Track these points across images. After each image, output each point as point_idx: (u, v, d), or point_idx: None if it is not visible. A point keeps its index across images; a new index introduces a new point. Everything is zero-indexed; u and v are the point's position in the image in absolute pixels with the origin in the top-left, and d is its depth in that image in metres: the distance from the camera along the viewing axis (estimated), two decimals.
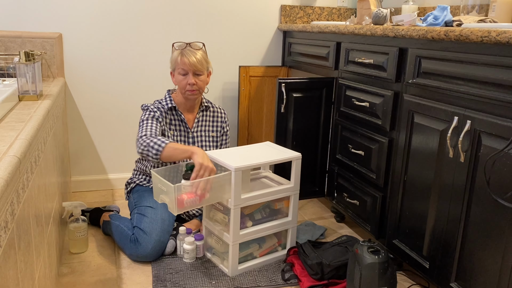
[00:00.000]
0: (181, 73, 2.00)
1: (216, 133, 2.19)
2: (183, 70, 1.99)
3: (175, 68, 2.03)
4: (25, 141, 1.15)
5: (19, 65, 1.70)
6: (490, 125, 1.34)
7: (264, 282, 1.79)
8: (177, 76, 2.02)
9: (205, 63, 2.03)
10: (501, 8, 1.79)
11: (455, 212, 1.50)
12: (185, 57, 1.98)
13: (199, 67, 1.99)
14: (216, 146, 2.20)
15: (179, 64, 2.00)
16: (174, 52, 2.03)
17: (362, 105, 1.99)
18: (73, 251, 1.97)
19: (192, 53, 1.99)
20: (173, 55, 2.03)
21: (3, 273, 0.85)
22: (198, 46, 2.03)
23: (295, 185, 1.92)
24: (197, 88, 2.02)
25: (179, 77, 2.02)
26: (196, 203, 1.73)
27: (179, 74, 2.01)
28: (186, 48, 2.01)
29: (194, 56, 1.98)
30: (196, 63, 1.98)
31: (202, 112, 2.16)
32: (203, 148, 2.12)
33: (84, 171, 2.66)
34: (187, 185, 1.71)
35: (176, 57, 2.00)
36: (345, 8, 2.98)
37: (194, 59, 1.98)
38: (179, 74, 2.01)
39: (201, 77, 2.02)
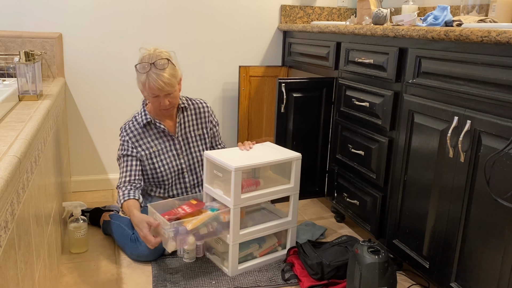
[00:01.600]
0: (151, 96, 1.89)
1: (202, 130, 2.11)
2: (153, 94, 1.87)
3: (143, 91, 1.91)
4: (25, 141, 1.15)
5: (19, 65, 1.70)
6: (490, 125, 1.34)
7: (264, 282, 1.79)
8: (148, 98, 1.92)
9: (174, 79, 1.88)
10: (501, 8, 1.79)
11: (455, 212, 1.50)
12: (152, 83, 1.83)
13: (168, 89, 1.86)
14: (205, 143, 2.12)
15: (148, 89, 1.87)
16: (139, 74, 1.88)
17: (362, 105, 1.99)
18: (73, 251, 1.97)
19: (158, 76, 1.82)
20: (139, 78, 1.88)
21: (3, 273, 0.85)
22: (163, 64, 1.84)
23: (295, 185, 1.92)
24: (172, 105, 1.94)
25: (150, 98, 1.91)
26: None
27: (149, 96, 1.90)
28: (151, 70, 1.83)
29: (161, 79, 1.83)
30: (165, 86, 1.84)
31: (182, 114, 2.06)
32: (191, 149, 2.08)
33: (84, 171, 2.66)
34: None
35: (144, 82, 1.86)
36: (345, 8, 2.98)
37: (162, 84, 1.83)
38: (150, 97, 1.90)
39: (173, 95, 1.91)
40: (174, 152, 2.04)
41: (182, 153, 2.05)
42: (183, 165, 2.06)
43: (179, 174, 2.06)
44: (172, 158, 2.03)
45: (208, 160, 1.87)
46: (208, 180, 1.90)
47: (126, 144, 1.99)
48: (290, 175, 1.92)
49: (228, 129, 2.89)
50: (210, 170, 1.88)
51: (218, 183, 1.85)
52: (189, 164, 2.07)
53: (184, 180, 2.07)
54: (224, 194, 1.80)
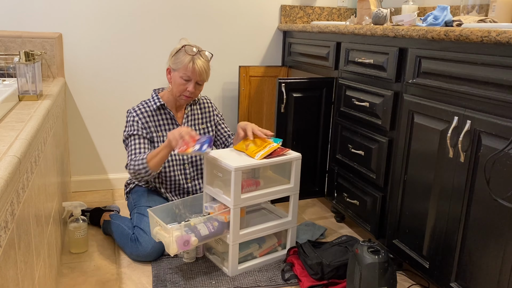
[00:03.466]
0: (184, 78, 1.96)
1: (206, 124, 2.16)
2: (188, 77, 1.95)
3: (178, 69, 1.97)
4: (25, 141, 1.15)
5: (19, 65, 1.70)
6: (490, 125, 1.34)
7: (264, 282, 1.79)
8: (178, 79, 1.98)
9: (209, 73, 2.02)
10: (501, 8, 1.79)
11: (455, 212, 1.50)
12: (196, 65, 1.93)
13: (204, 78, 1.98)
14: None
15: (187, 70, 1.94)
16: (183, 54, 1.96)
17: (362, 105, 1.99)
18: (73, 251, 1.97)
19: (203, 62, 1.96)
20: (182, 57, 1.96)
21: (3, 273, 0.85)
22: (207, 56, 2.00)
23: (295, 185, 1.92)
24: (193, 96, 2.01)
25: (179, 80, 1.97)
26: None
27: (181, 78, 1.96)
28: (197, 55, 1.95)
29: (204, 66, 1.96)
30: (204, 74, 1.97)
31: (190, 107, 2.14)
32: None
33: (84, 171, 2.66)
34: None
35: (187, 63, 1.94)
36: (345, 8, 2.98)
37: (203, 69, 1.95)
38: (181, 78, 1.97)
39: (200, 87, 2.02)
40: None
41: None
42: (184, 157, 2.08)
43: (180, 165, 2.08)
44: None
45: (208, 160, 1.87)
46: (208, 180, 1.90)
47: (136, 124, 2.00)
48: (290, 175, 1.92)
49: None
50: (210, 170, 1.88)
51: (218, 183, 1.85)
52: (191, 156, 2.10)
53: (185, 171, 2.09)
54: (224, 194, 1.80)
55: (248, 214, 2.00)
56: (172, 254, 1.69)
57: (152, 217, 1.78)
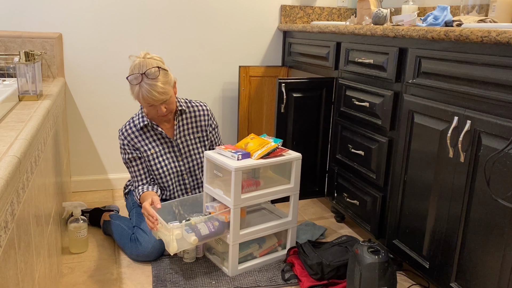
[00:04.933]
0: (147, 106, 1.87)
1: (202, 133, 2.08)
2: (148, 103, 1.85)
3: (139, 101, 1.88)
4: (25, 141, 1.15)
5: (19, 65, 1.70)
6: (490, 125, 1.34)
7: (264, 282, 1.79)
8: (145, 107, 1.90)
9: (168, 86, 1.85)
10: (501, 8, 1.79)
11: (455, 212, 1.50)
12: (146, 94, 1.80)
13: (163, 98, 1.83)
14: (205, 146, 2.09)
15: (143, 101, 1.85)
16: (132, 86, 1.85)
17: (362, 105, 1.99)
18: (73, 251, 1.97)
19: (151, 87, 1.79)
20: (132, 89, 1.85)
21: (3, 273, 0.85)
22: (154, 73, 1.81)
23: (295, 185, 1.92)
24: (169, 111, 1.91)
25: (147, 107, 1.89)
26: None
27: (146, 105, 1.88)
28: (143, 81, 1.80)
29: (155, 90, 1.80)
30: (160, 97, 1.82)
31: (180, 117, 2.02)
32: (190, 152, 2.06)
33: (84, 171, 2.66)
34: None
35: (138, 94, 1.83)
36: (345, 8, 2.98)
37: (156, 94, 1.80)
38: (147, 106, 1.87)
39: (168, 101, 1.88)
40: (173, 155, 2.03)
41: (181, 156, 2.04)
42: (182, 167, 2.04)
43: (178, 176, 2.05)
44: (170, 160, 2.02)
45: (208, 160, 1.87)
46: (208, 180, 1.90)
47: (127, 148, 1.99)
48: (290, 175, 1.92)
49: (228, 129, 2.89)
50: (210, 170, 1.88)
51: (218, 183, 1.85)
52: (189, 167, 2.06)
53: (184, 182, 2.07)
54: (224, 194, 1.80)
55: (248, 214, 2.00)
56: (172, 253, 1.69)
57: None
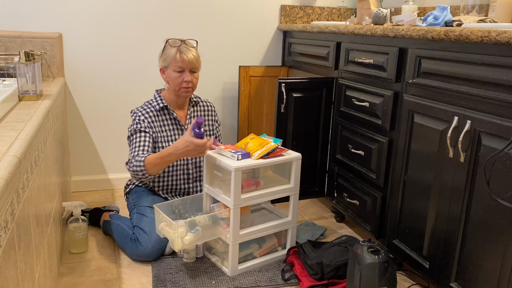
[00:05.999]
0: (177, 70, 1.98)
1: (209, 127, 2.19)
2: (180, 68, 1.98)
3: (169, 65, 2.00)
4: (25, 141, 1.15)
5: (19, 65, 1.70)
6: (490, 125, 1.34)
7: (264, 282, 1.79)
8: (172, 73, 2.00)
9: (199, 59, 2.03)
10: (501, 8, 1.79)
11: (455, 212, 1.50)
12: (184, 54, 1.96)
13: (196, 65, 2.00)
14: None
15: (176, 61, 1.97)
16: (169, 49, 2.00)
17: (362, 105, 1.99)
18: (73, 251, 1.97)
19: (189, 50, 1.98)
20: (168, 52, 2.00)
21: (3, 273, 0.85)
22: (192, 44, 2.03)
23: (295, 185, 1.92)
24: (192, 85, 2.02)
25: (173, 74, 1.99)
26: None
27: (174, 71, 1.99)
28: (182, 45, 1.99)
29: (191, 53, 1.98)
30: (194, 61, 1.98)
31: (193, 108, 2.15)
32: None
33: (84, 171, 2.66)
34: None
35: (174, 55, 1.97)
36: (345, 8, 2.98)
37: (192, 56, 1.97)
38: (174, 72, 1.99)
39: (195, 75, 2.03)
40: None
41: None
42: (188, 159, 2.09)
43: (184, 165, 2.08)
44: None
45: (208, 160, 1.87)
46: (208, 180, 1.90)
47: (142, 122, 2.01)
48: (290, 175, 1.92)
49: (228, 129, 2.89)
50: (210, 170, 1.88)
51: (218, 183, 1.85)
52: (195, 158, 2.10)
53: (188, 172, 2.10)
54: (224, 194, 1.80)
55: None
56: (177, 250, 1.73)
57: (158, 212, 1.80)
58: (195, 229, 1.73)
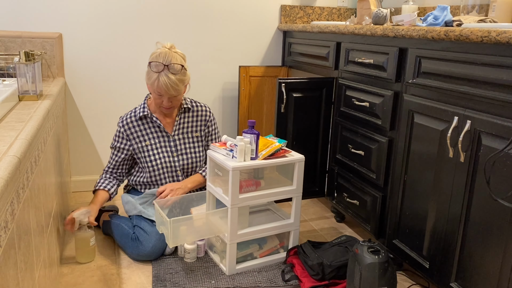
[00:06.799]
0: (156, 94, 1.95)
1: (200, 132, 2.15)
2: (159, 92, 1.93)
3: (149, 85, 1.96)
4: (25, 141, 1.15)
5: (19, 65, 1.70)
6: (490, 125, 1.34)
7: (264, 282, 1.79)
8: (152, 93, 1.97)
9: (182, 85, 1.95)
10: (501, 8, 1.79)
11: (455, 212, 1.50)
12: (161, 83, 1.89)
13: (173, 93, 1.93)
14: (202, 146, 2.15)
15: (154, 88, 1.92)
16: (151, 72, 1.92)
17: (362, 105, 1.99)
18: (81, 261, 1.89)
19: (168, 79, 1.89)
20: (150, 74, 1.93)
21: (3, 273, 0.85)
22: (176, 69, 1.92)
23: (297, 187, 1.91)
24: (172, 106, 1.99)
25: (154, 95, 1.97)
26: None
27: (154, 93, 1.95)
28: (163, 71, 1.90)
29: (170, 83, 1.90)
30: (171, 90, 1.91)
31: (183, 114, 2.11)
32: (187, 150, 2.10)
33: (84, 171, 2.66)
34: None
35: (153, 80, 1.91)
36: (345, 8, 2.98)
37: (169, 85, 1.90)
38: (154, 93, 1.95)
39: (177, 98, 1.98)
40: (168, 149, 2.07)
41: (177, 152, 2.08)
42: (176, 163, 2.08)
43: (172, 172, 2.08)
44: (165, 154, 2.06)
45: (210, 158, 1.88)
46: (211, 179, 1.91)
47: (120, 136, 2.06)
48: (292, 176, 1.91)
49: (228, 129, 2.89)
50: (212, 168, 1.89)
51: (219, 182, 1.86)
52: (183, 164, 2.09)
53: (178, 179, 2.10)
54: (224, 193, 1.80)
55: (251, 214, 2.00)
56: (171, 246, 1.75)
57: (157, 208, 1.81)
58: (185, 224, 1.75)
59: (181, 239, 1.76)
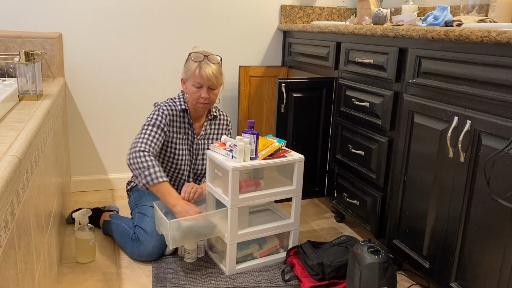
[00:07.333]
0: (196, 85, 1.95)
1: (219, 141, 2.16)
2: (198, 84, 1.94)
3: (188, 78, 1.98)
4: (25, 141, 1.15)
5: (19, 65, 1.70)
6: (490, 125, 1.34)
7: (264, 282, 1.79)
8: (190, 87, 1.98)
9: (220, 77, 1.99)
10: (501, 8, 1.79)
11: (455, 212, 1.50)
12: (203, 70, 1.92)
13: (214, 83, 1.95)
14: None
15: (195, 77, 1.94)
16: (190, 62, 1.97)
17: (362, 105, 1.99)
18: (81, 260, 1.89)
19: (209, 67, 1.94)
20: (190, 65, 1.97)
21: (3, 273, 0.85)
22: (216, 60, 1.98)
23: (297, 187, 1.91)
24: (209, 101, 2.00)
25: (192, 88, 1.97)
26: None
27: (193, 86, 1.96)
28: (204, 61, 1.95)
29: (212, 70, 1.93)
30: (213, 79, 1.94)
31: (210, 121, 2.13)
32: (205, 155, 2.11)
33: (84, 171, 2.66)
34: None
35: (194, 70, 1.94)
36: (345, 8, 2.98)
37: (211, 74, 1.93)
38: (193, 86, 1.96)
39: (214, 91, 1.99)
40: (190, 152, 2.09)
41: (197, 156, 2.10)
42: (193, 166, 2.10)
43: (186, 171, 2.09)
44: (188, 152, 2.08)
45: (209, 159, 1.88)
46: (210, 179, 1.91)
47: (163, 118, 1.98)
48: (292, 176, 1.91)
49: None
50: (212, 168, 1.89)
51: (219, 182, 1.86)
52: (197, 169, 2.11)
53: (187, 180, 2.11)
54: (223, 193, 1.80)
55: (251, 214, 2.00)
56: (171, 247, 1.73)
57: (157, 210, 1.81)
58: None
59: (181, 240, 1.75)
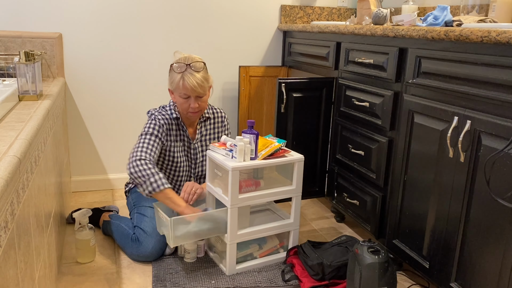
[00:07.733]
0: (183, 96, 1.91)
1: (218, 139, 2.15)
2: (185, 95, 1.91)
3: (175, 90, 1.94)
4: (25, 141, 1.15)
5: (19, 65, 1.70)
6: (490, 125, 1.34)
7: (264, 282, 1.79)
8: (178, 98, 1.94)
9: (206, 83, 1.94)
10: (501, 8, 1.79)
11: (455, 212, 1.50)
12: (187, 82, 1.87)
13: (201, 92, 1.91)
14: None
15: (180, 89, 1.90)
16: (174, 74, 1.92)
17: (362, 105, 1.99)
18: (81, 261, 1.89)
19: (193, 76, 1.88)
20: (174, 77, 1.92)
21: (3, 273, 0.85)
22: (198, 67, 1.91)
23: (297, 187, 1.91)
24: (200, 109, 1.96)
25: (180, 99, 1.93)
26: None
27: (180, 97, 1.92)
28: (187, 70, 1.89)
29: (196, 80, 1.88)
30: (198, 88, 1.89)
31: (203, 123, 2.10)
32: (204, 158, 2.11)
33: (84, 171, 2.66)
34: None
35: (178, 81, 1.89)
36: (345, 8, 2.98)
37: (195, 84, 1.88)
38: (180, 97, 1.92)
39: (203, 98, 1.95)
40: (188, 157, 2.08)
41: (196, 160, 2.10)
42: (193, 171, 2.10)
43: (186, 177, 2.09)
44: (186, 163, 2.08)
45: (210, 158, 1.88)
46: (210, 178, 1.91)
47: (160, 127, 1.96)
48: (292, 176, 1.91)
49: None
50: (212, 168, 1.89)
51: (218, 182, 1.86)
52: (198, 172, 2.11)
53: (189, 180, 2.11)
54: (223, 193, 1.80)
55: (251, 214, 2.00)
56: (172, 246, 1.74)
57: (157, 210, 1.81)
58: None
59: (182, 239, 1.76)
